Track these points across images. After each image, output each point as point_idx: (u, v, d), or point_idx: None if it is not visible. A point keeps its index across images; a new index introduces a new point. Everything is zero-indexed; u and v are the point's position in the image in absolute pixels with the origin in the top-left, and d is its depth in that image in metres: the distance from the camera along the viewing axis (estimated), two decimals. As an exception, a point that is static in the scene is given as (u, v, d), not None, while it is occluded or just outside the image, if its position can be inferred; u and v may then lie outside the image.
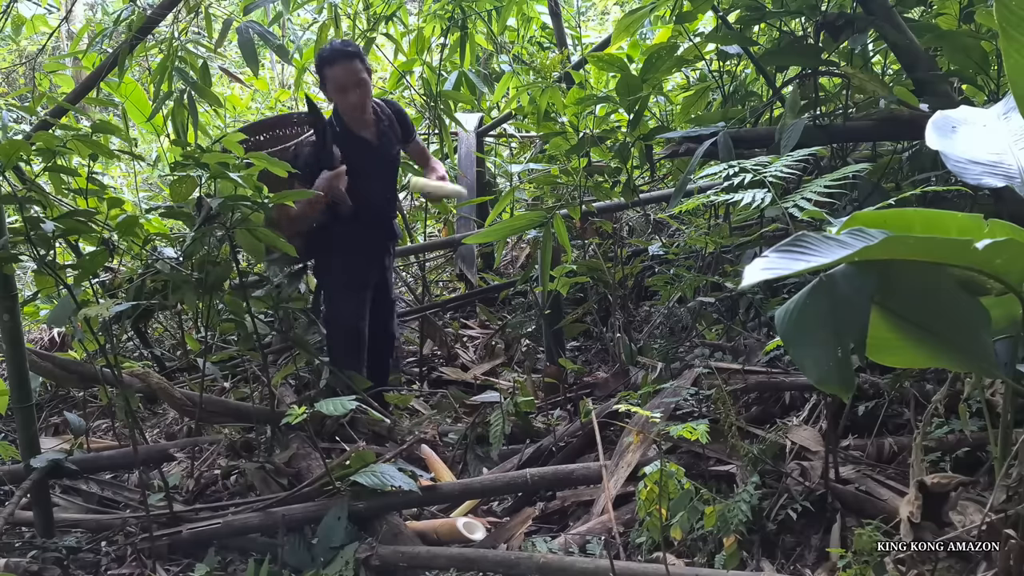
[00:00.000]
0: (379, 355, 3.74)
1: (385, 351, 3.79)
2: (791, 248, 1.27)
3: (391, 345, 3.84)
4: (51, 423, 4.08)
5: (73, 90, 4.32)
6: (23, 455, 2.76)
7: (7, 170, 2.45)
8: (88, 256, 2.56)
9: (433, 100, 4.74)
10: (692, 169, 2.78)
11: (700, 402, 2.73)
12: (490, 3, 4.85)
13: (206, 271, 2.76)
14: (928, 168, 2.95)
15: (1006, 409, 1.49)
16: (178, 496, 3.06)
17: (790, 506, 2.17)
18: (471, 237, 3.84)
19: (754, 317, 3.26)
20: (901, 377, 2.32)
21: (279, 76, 8.41)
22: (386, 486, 2.56)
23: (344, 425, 3.26)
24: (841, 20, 2.93)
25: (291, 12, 4.88)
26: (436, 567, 2.43)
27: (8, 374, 2.71)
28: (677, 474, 2.08)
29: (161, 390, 3.22)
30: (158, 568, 2.57)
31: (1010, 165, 1.53)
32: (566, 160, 3.60)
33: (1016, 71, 1.39)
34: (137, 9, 3.86)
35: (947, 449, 2.11)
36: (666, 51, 3.22)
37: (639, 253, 4.24)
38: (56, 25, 5.59)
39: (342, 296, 3.54)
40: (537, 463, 2.97)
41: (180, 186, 2.64)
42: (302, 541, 2.57)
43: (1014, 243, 1.20)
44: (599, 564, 2.10)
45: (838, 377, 1.29)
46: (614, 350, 3.65)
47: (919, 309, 1.39)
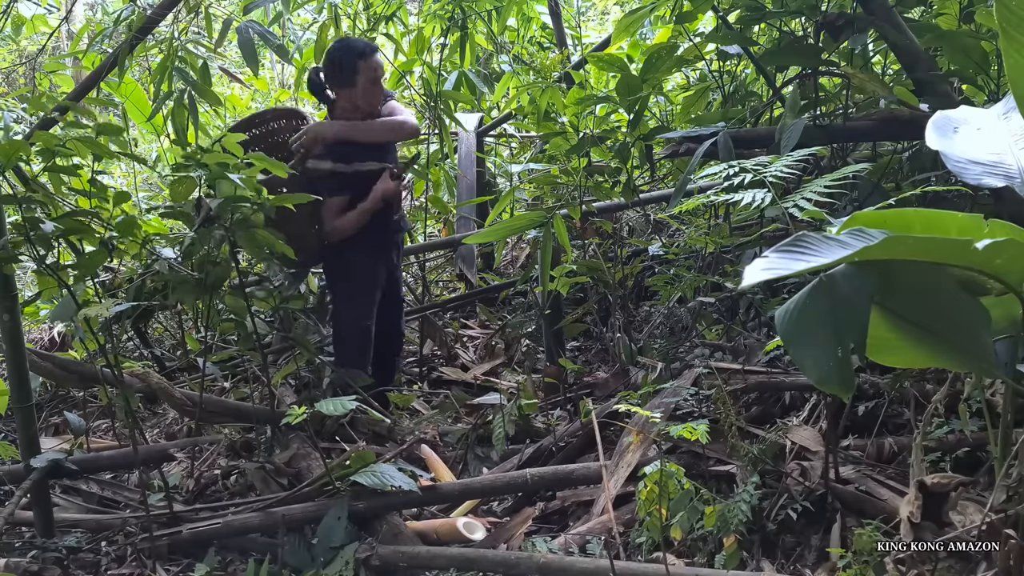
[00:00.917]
0: (386, 354, 3.75)
1: (393, 350, 3.79)
2: (791, 248, 1.27)
3: (399, 344, 3.85)
4: (51, 423, 4.08)
5: (73, 90, 4.32)
6: (23, 455, 2.76)
7: (7, 170, 2.45)
8: (88, 256, 2.56)
9: (433, 100, 4.74)
10: (692, 169, 2.78)
11: (700, 402, 2.73)
12: (490, 3, 4.84)
13: (206, 271, 2.76)
14: (928, 168, 2.95)
15: (1006, 409, 1.49)
16: (178, 496, 3.06)
17: (790, 506, 2.17)
18: (471, 237, 3.84)
19: (754, 317, 3.26)
20: (901, 377, 2.32)
21: (279, 76, 8.42)
22: (386, 486, 2.56)
23: (344, 425, 3.26)
24: (841, 20, 2.93)
25: (291, 12, 4.88)
26: (436, 567, 2.43)
27: (8, 374, 2.71)
28: (677, 474, 2.08)
29: (161, 390, 3.22)
30: (158, 568, 2.57)
31: (1010, 165, 1.53)
32: (566, 160, 3.60)
33: (1016, 71, 1.39)
34: (137, 9, 3.85)
35: (947, 449, 2.11)
36: (666, 51, 3.22)
37: (639, 253, 4.24)
38: (56, 25, 5.59)
39: (352, 297, 3.53)
40: (537, 463, 2.97)
41: (180, 187, 2.64)
42: (302, 541, 2.57)
43: (1014, 243, 1.20)
44: (599, 564, 2.10)
45: (838, 377, 1.29)
46: (614, 350, 3.65)
47: (919, 309, 1.39)
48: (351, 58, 3.34)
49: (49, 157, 2.48)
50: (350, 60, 3.34)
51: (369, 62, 3.34)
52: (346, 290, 3.53)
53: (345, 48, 3.40)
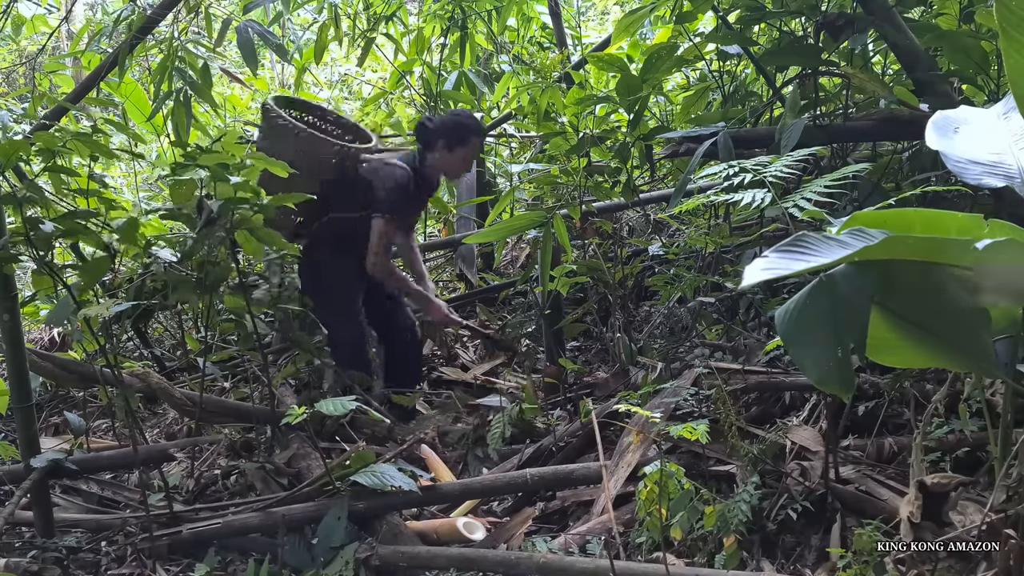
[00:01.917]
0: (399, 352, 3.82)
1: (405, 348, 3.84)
2: (791, 248, 1.27)
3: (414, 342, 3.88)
4: (51, 423, 4.08)
5: (73, 90, 4.32)
6: (23, 455, 2.76)
7: (7, 170, 2.45)
8: (92, 261, 2.56)
9: (433, 100, 4.74)
10: (692, 169, 2.78)
11: (700, 402, 2.73)
12: (490, 3, 4.84)
13: (206, 271, 2.75)
14: (928, 168, 2.95)
15: (1006, 409, 1.49)
16: (178, 496, 3.06)
17: (790, 506, 2.17)
18: (471, 237, 3.85)
19: (754, 317, 3.26)
20: (901, 377, 2.32)
21: (279, 76, 8.40)
22: (386, 486, 2.56)
23: (344, 425, 3.26)
24: (841, 20, 2.93)
25: (291, 12, 4.88)
26: (436, 567, 2.42)
27: (8, 374, 2.71)
28: (677, 474, 2.08)
29: (161, 390, 3.22)
30: (158, 568, 2.57)
31: (1010, 165, 1.52)
32: (566, 160, 3.60)
33: (1016, 71, 1.39)
34: (137, 9, 3.86)
35: (947, 449, 2.11)
36: (666, 51, 3.22)
37: (639, 253, 4.24)
38: (56, 25, 5.59)
39: (330, 302, 3.58)
40: (537, 463, 2.97)
41: (180, 188, 2.64)
42: (302, 541, 2.57)
43: (1014, 243, 1.20)
44: (599, 564, 2.10)
45: (838, 377, 1.29)
46: (614, 350, 3.65)
47: (919, 309, 1.39)
48: (467, 131, 3.53)
49: (49, 157, 2.48)
50: (465, 132, 3.52)
51: (475, 143, 3.58)
52: (322, 295, 3.55)
53: (468, 118, 3.61)
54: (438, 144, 3.52)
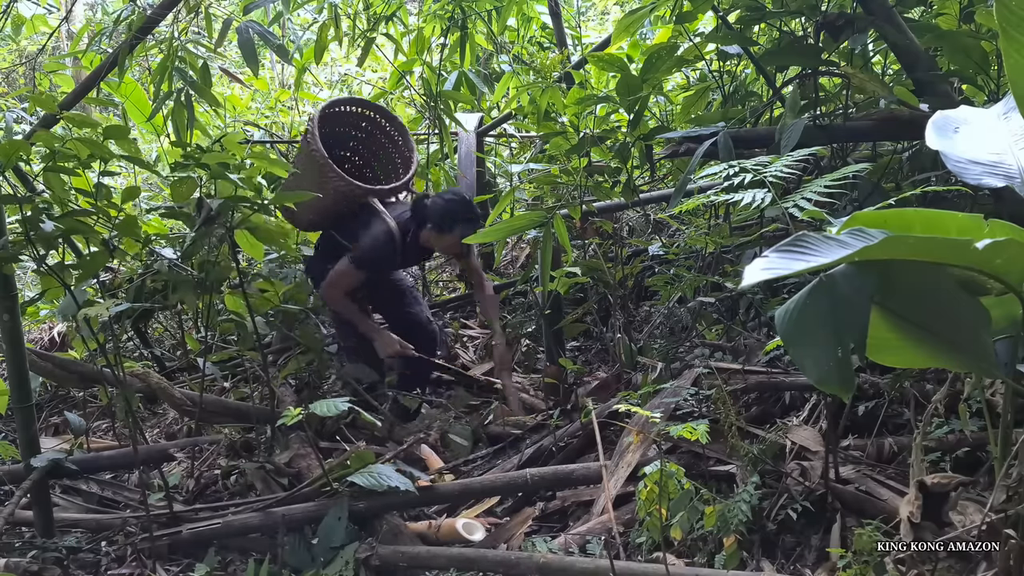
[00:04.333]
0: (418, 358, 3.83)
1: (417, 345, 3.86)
2: (791, 248, 1.27)
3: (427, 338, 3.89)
4: (51, 423, 4.08)
5: (73, 90, 4.31)
6: (23, 455, 2.76)
7: (7, 170, 2.45)
8: (89, 256, 2.55)
9: (433, 100, 4.74)
10: (692, 169, 2.78)
11: (700, 402, 2.73)
12: (490, 3, 4.84)
13: (206, 271, 2.76)
14: (928, 168, 2.95)
15: (1006, 409, 1.49)
16: (178, 496, 3.06)
17: (790, 506, 2.17)
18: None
19: (754, 317, 3.26)
20: (901, 377, 2.32)
21: (279, 76, 8.40)
22: (382, 487, 2.56)
23: (344, 426, 3.26)
24: (841, 20, 2.93)
25: (291, 12, 4.87)
26: (436, 567, 2.43)
27: (8, 374, 2.71)
28: (677, 474, 2.08)
29: (161, 390, 3.22)
30: (158, 568, 2.57)
31: (1010, 165, 1.52)
32: (566, 160, 3.60)
33: (1016, 71, 1.39)
34: (137, 9, 3.85)
35: (947, 449, 2.11)
36: (666, 51, 3.22)
37: (639, 253, 4.24)
38: (56, 25, 5.59)
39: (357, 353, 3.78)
40: (537, 463, 2.97)
41: (180, 187, 2.64)
42: (302, 541, 2.57)
43: (1014, 243, 1.20)
44: (599, 564, 2.10)
45: (838, 377, 1.29)
46: (614, 350, 3.64)
47: (919, 309, 1.38)
48: (455, 221, 3.60)
49: (49, 157, 2.48)
50: (453, 222, 3.61)
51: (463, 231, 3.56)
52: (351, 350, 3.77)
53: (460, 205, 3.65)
54: (428, 224, 3.64)
